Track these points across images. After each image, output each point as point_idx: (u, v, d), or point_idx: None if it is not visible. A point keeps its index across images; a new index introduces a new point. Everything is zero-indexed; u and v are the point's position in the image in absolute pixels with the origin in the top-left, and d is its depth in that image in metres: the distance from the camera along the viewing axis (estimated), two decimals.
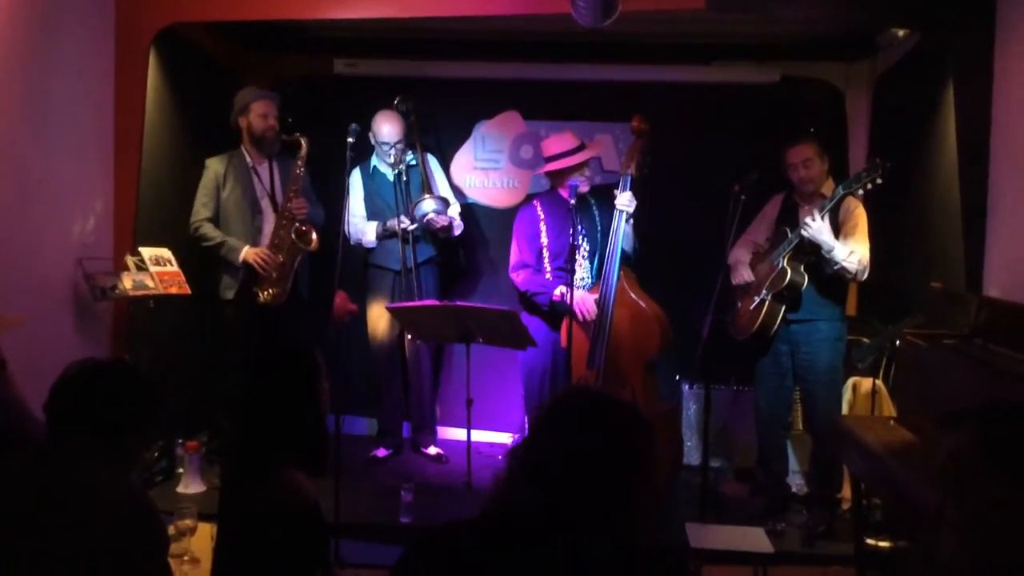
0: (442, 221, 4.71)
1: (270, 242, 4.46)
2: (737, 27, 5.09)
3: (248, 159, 4.59)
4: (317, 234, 4.48)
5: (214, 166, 4.56)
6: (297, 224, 4.42)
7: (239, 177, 4.55)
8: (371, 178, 4.94)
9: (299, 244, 4.41)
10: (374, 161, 4.94)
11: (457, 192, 5.35)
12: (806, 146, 4.16)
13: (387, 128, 4.74)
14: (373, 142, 4.80)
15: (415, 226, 4.73)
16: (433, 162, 5.08)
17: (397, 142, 4.74)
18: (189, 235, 4.52)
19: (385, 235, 4.82)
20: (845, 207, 4.08)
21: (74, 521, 1.85)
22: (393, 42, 5.45)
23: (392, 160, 4.78)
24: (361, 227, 4.86)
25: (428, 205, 4.68)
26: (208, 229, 4.49)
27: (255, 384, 2.20)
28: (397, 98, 4.84)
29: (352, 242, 4.86)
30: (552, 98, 5.49)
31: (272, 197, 4.55)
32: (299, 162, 4.49)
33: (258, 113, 4.53)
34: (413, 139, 4.88)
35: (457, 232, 4.96)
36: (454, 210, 4.95)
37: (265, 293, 4.40)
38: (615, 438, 1.46)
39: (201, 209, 4.52)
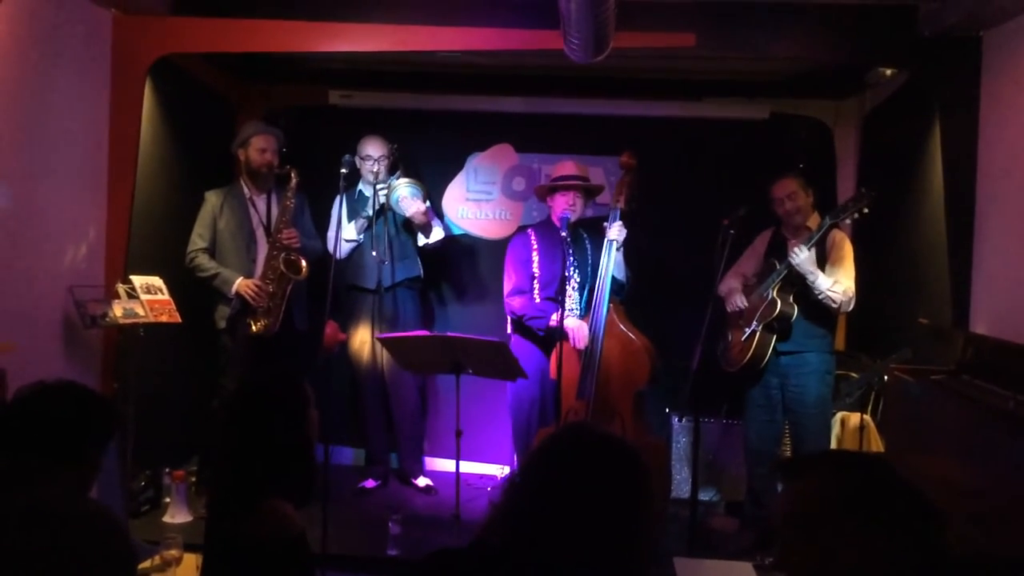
0: (415, 205, 4.71)
1: (262, 273, 4.48)
2: (727, 64, 5.15)
3: (245, 190, 4.63)
4: (309, 264, 4.48)
5: (212, 198, 4.59)
6: (286, 254, 4.44)
7: (235, 208, 4.58)
8: (356, 201, 4.95)
9: (288, 274, 4.42)
10: (360, 186, 4.97)
11: (448, 220, 5.37)
12: (790, 180, 4.22)
13: (371, 145, 4.82)
14: (357, 162, 4.81)
15: (391, 179, 4.76)
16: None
17: (380, 156, 4.79)
18: (182, 264, 4.53)
19: (367, 223, 4.81)
20: (831, 239, 4.13)
21: (34, 545, 1.84)
22: (388, 74, 5.51)
23: (374, 178, 4.80)
24: (344, 232, 4.85)
25: (402, 188, 4.71)
26: (203, 260, 4.51)
27: (243, 413, 2.20)
28: (394, 144, 4.88)
29: (341, 256, 4.86)
30: (545, 131, 5.54)
31: (268, 228, 4.57)
32: (289, 193, 4.52)
33: (257, 147, 4.56)
34: (398, 166, 4.93)
35: (436, 235, 4.94)
36: (437, 226, 4.96)
37: (257, 324, 4.40)
38: (615, 478, 1.47)
39: (197, 240, 4.54)
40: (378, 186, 4.77)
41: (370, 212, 4.78)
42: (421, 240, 4.94)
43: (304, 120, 5.56)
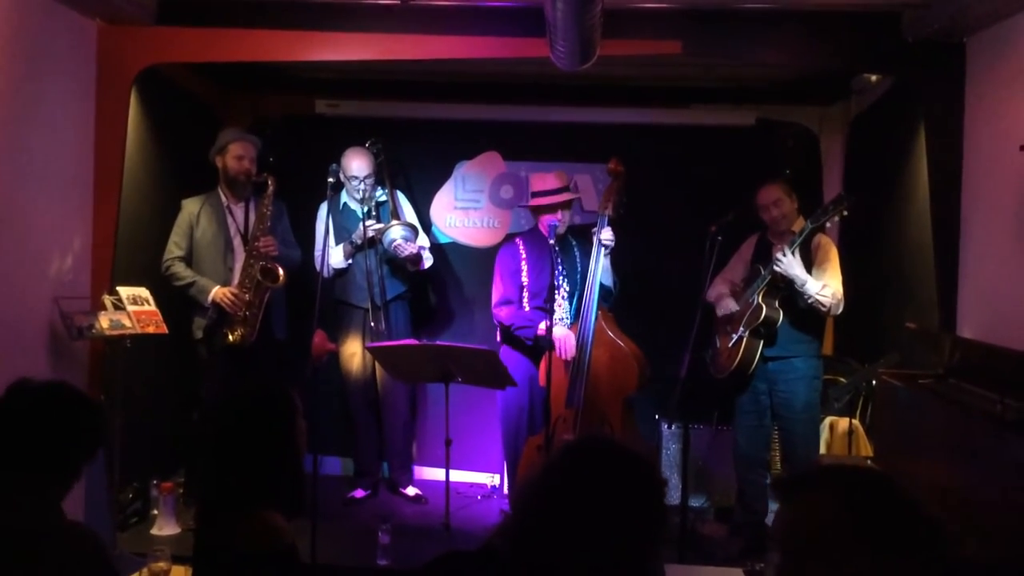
0: (410, 248, 4.68)
1: (239, 281, 4.44)
2: (714, 71, 5.17)
3: (223, 199, 4.59)
4: (286, 273, 4.43)
5: (189, 206, 4.56)
6: (263, 262, 4.41)
7: (213, 216, 4.55)
8: (340, 213, 4.92)
9: (265, 282, 4.37)
10: (344, 197, 4.93)
11: (436, 229, 5.36)
12: (775, 187, 4.23)
13: (356, 163, 4.75)
14: (343, 178, 4.77)
15: (379, 225, 4.71)
16: (403, 199, 5.08)
17: (366, 176, 4.74)
18: (160, 274, 4.50)
19: (353, 250, 4.78)
20: (815, 242, 4.14)
21: (12, 563, 1.83)
22: (375, 83, 5.51)
23: (360, 196, 4.76)
24: (332, 258, 4.83)
25: (396, 231, 4.67)
26: (179, 268, 4.47)
27: (231, 424, 2.19)
28: (369, 141, 4.86)
29: (326, 274, 4.87)
30: (532, 139, 5.55)
31: (245, 236, 4.53)
32: (266, 200, 4.48)
33: (234, 155, 4.52)
34: (383, 176, 4.90)
35: (426, 265, 4.93)
36: (422, 239, 4.94)
37: (234, 333, 4.36)
38: (629, 491, 1.47)
39: (173, 248, 4.50)
40: (367, 222, 4.72)
41: (358, 242, 4.74)
42: (412, 268, 4.89)
43: (291, 130, 5.55)
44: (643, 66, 5.01)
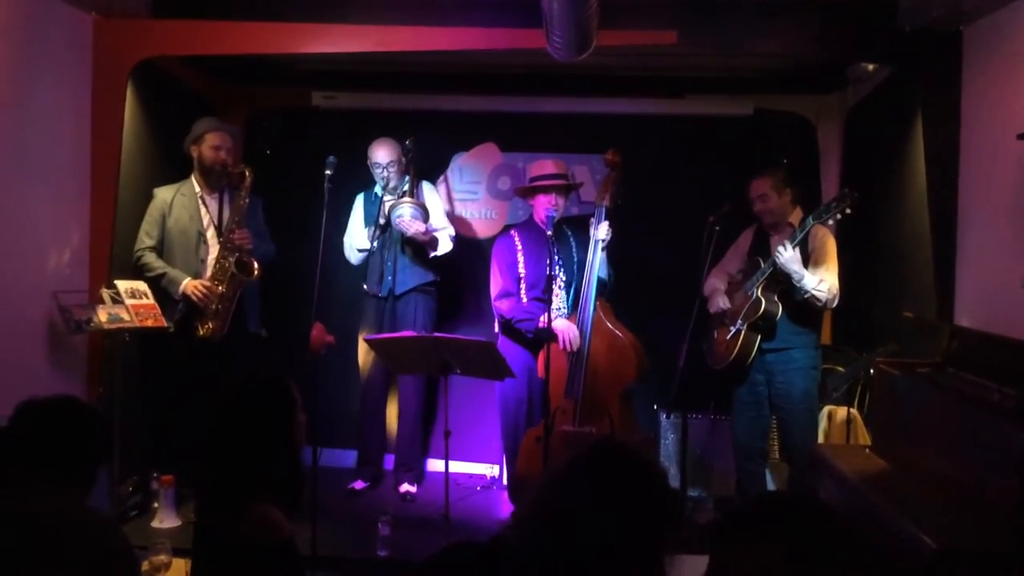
0: (415, 227, 4.68)
1: (211, 273, 4.38)
2: (710, 61, 5.17)
3: (197, 188, 4.50)
4: (261, 267, 4.39)
5: (161, 195, 4.47)
6: (238, 254, 4.36)
7: (186, 206, 4.46)
8: (372, 204, 4.95)
9: (240, 275, 4.32)
10: (377, 188, 4.96)
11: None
12: (763, 180, 4.23)
13: (379, 151, 4.80)
14: (369, 166, 4.85)
15: (395, 200, 4.75)
16: (429, 188, 5.09)
17: (389, 163, 4.77)
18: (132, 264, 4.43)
19: (376, 230, 4.77)
20: (814, 235, 4.14)
21: (36, 549, 1.85)
22: (371, 75, 5.49)
23: (384, 184, 4.82)
24: (356, 240, 4.90)
25: (403, 208, 4.69)
26: (150, 259, 4.38)
27: (230, 418, 2.19)
28: (408, 139, 4.81)
29: (354, 262, 4.92)
30: (529, 130, 5.54)
31: (219, 228, 4.46)
32: (243, 192, 4.40)
33: (210, 144, 4.45)
34: (409, 168, 4.90)
35: (440, 249, 4.92)
36: (444, 230, 4.95)
37: (205, 327, 4.30)
38: (641, 502, 1.49)
39: (144, 238, 4.41)
40: (386, 198, 4.77)
41: (381, 221, 4.76)
42: (431, 252, 4.90)
43: (287, 122, 5.54)
44: (640, 56, 5.00)
